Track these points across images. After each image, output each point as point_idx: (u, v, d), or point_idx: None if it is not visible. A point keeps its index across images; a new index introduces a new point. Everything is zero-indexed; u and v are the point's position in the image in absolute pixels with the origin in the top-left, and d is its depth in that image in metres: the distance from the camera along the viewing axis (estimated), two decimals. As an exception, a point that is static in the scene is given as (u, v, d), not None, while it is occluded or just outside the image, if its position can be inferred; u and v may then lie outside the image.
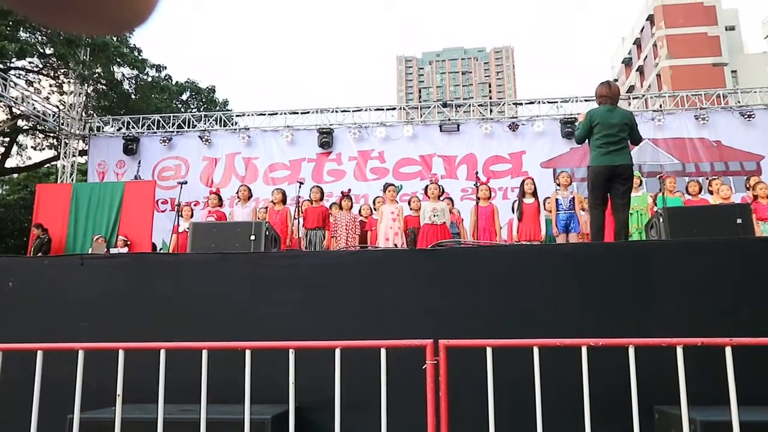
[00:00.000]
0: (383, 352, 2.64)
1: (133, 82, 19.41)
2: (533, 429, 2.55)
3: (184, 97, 21.67)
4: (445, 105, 14.03)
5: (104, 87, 18.64)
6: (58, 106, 15.13)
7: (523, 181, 8.19)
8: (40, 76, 18.60)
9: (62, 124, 14.52)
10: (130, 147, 13.96)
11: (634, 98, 15.56)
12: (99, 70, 17.06)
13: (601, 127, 5.37)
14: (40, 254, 10.99)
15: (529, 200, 7.92)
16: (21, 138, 20.68)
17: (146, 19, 0.49)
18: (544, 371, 2.57)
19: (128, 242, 11.66)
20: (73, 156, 14.97)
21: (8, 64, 16.40)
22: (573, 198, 7.86)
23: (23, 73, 17.98)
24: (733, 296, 3.49)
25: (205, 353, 2.71)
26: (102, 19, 0.47)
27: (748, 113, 12.60)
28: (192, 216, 9.51)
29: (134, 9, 0.47)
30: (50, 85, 18.92)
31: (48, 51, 16.86)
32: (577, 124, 5.69)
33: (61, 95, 18.60)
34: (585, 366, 2.55)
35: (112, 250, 11.04)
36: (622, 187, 5.35)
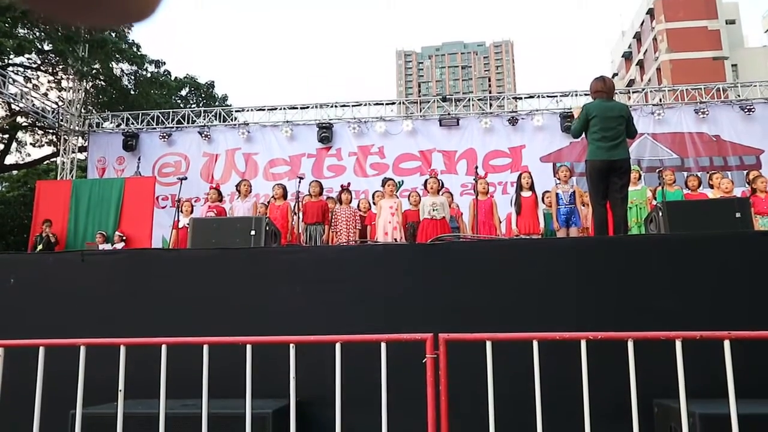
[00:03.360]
0: (383, 346, 2.66)
1: (132, 77, 19.36)
2: (533, 421, 2.57)
3: (184, 92, 21.64)
4: (444, 99, 14.01)
5: (103, 83, 18.60)
6: (57, 103, 15.10)
7: (520, 174, 8.21)
8: (39, 73, 18.57)
9: (61, 120, 14.50)
10: (130, 143, 13.94)
11: (633, 92, 15.51)
12: (97, 66, 17.02)
13: (598, 120, 5.33)
14: (40, 247, 11.03)
15: (526, 194, 7.94)
16: (20, 135, 20.66)
17: (152, 13, 0.49)
18: (543, 365, 2.58)
19: (124, 238, 11.67)
20: (73, 152, 14.96)
21: (6, 60, 16.37)
22: (573, 192, 7.86)
23: (21, 69, 17.93)
24: (732, 290, 3.51)
25: (206, 348, 2.72)
26: (108, 11, 0.47)
27: (748, 107, 12.58)
28: (192, 212, 9.52)
29: (141, 3, 0.48)
30: (49, 82, 18.89)
31: (46, 47, 16.81)
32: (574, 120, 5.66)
33: (59, 91, 18.56)
34: (584, 360, 2.57)
35: (107, 247, 11.06)
36: (619, 182, 5.31)
